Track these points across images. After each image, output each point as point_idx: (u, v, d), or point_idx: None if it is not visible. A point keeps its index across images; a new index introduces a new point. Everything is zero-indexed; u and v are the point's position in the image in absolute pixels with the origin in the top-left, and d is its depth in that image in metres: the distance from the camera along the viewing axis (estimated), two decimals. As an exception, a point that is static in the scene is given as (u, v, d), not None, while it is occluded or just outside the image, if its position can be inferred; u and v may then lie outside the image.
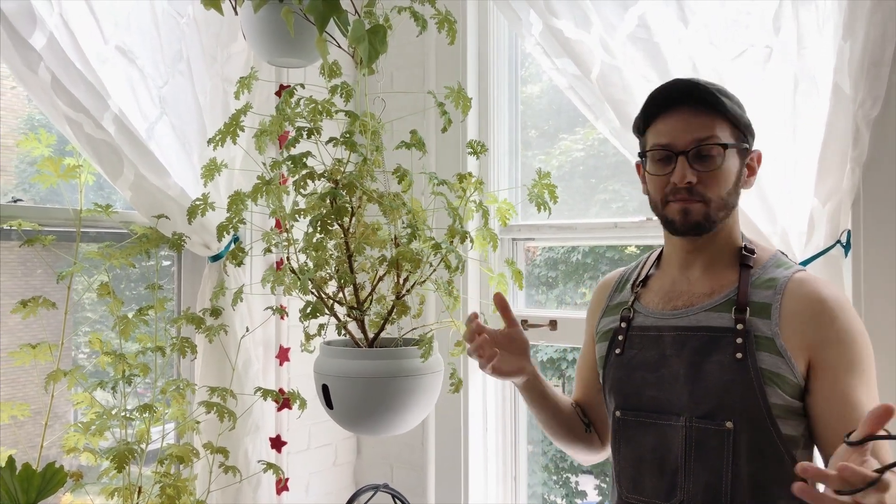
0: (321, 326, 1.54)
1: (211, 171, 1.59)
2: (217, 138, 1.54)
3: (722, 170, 1.24)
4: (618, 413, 1.33)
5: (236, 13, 1.52)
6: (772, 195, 1.64)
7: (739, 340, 1.22)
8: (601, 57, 1.78)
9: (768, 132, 1.64)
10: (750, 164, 1.30)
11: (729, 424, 1.20)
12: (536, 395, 1.47)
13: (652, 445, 1.28)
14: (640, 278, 1.41)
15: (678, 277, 1.34)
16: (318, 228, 1.39)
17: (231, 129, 1.53)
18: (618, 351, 1.35)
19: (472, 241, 1.50)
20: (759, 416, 1.20)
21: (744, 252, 1.29)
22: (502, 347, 1.39)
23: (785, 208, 1.63)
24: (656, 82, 1.73)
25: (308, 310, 1.39)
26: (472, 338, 1.38)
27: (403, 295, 1.51)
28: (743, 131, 1.27)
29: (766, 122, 1.64)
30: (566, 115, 2.34)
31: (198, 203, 1.60)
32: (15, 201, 1.82)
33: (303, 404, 1.86)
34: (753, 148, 1.31)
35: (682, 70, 1.71)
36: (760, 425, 1.20)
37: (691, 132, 1.24)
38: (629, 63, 1.77)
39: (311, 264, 1.44)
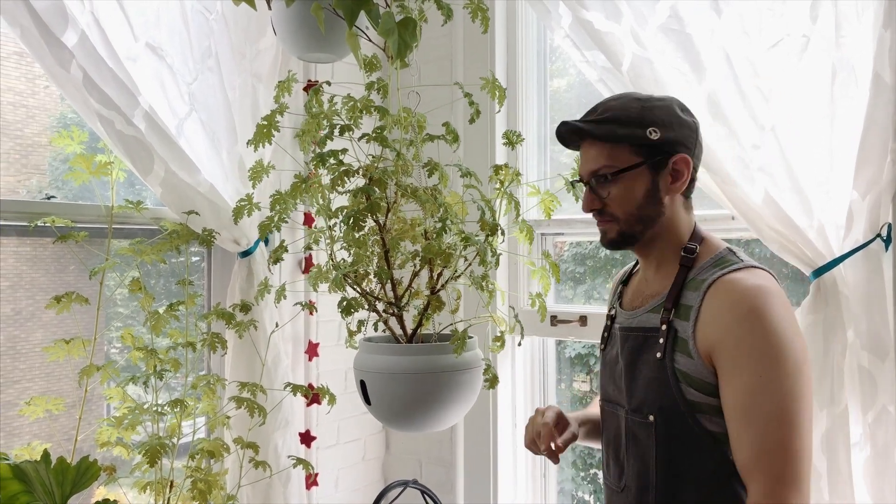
0: (360, 322, 1.54)
1: (259, 173, 1.59)
2: (255, 139, 1.53)
3: (623, 191, 1.34)
4: (600, 403, 1.50)
5: (269, 7, 1.52)
6: (808, 188, 1.60)
7: (661, 341, 1.30)
8: (632, 49, 1.76)
9: (805, 123, 1.60)
10: (676, 170, 1.33)
11: (651, 418, 1.30)
12: (588, 437, 1.58)
13: (613, 433, 1.41)
14: (625, 278, 1.53)
15: (642, 278, 1.45)
16: (351, 225, 1.38)
17: (266, 130, 1.53)
18: (602, 347, 1.51)
19: (502, 233, 1.50)
20: (677, 411, 1.27)
21: (682, 253, 1.34)
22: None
23: (822, 201, 1.59)
24: (689, 74, 1.70)
25: (343, 305, 1.39)
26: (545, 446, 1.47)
27: (438, 290, 1.50)
28: (650, 146, 1.32)
29: (802, 112, 1.60)
30: (594, 109, 2.31)
31: (243, 203, 1.60)
32: (48, 198, 1.85)
33: (332, 399, 1.86)
34: (678, 153, 1.33)
35: (715, 61, 1.67)
36: (678, 420, 1.27)
37: (588, 164, 1.37)
38: (661, 55, 1.73)
39: (348, 260, 1.44)
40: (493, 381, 1.51)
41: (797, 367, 1.19)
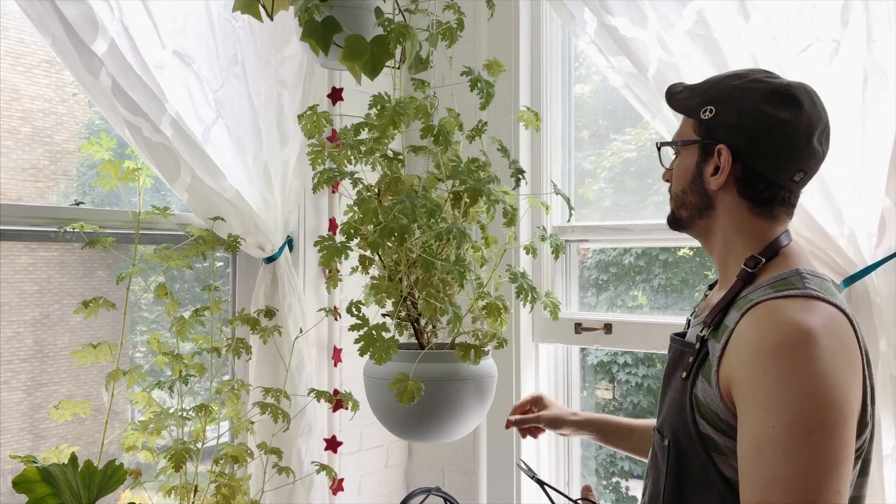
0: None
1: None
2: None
3: (678, 167, 1.24)
4: None
5: (272, 19, 1.52)
6: (838, 194, 1.57)
7: (691, 359, 1.15)
8: (658, 54, 1.74)
9: (835, 129, 1.57)
10: (719, 161, 1.16)
11: (667, 442, 1.16)
12: (609, 440, 1.57)
13: (651, 449, 1.28)
14: (713, 283, 1.36)
15: (718, 286, 1.29)
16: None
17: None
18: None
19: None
20: (690, 441, 1.12)
21: (743, 265, 1.16)
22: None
23: (853, 208, 1.57)
24: (716, 79, 1.69)
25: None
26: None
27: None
28: (706, 125, 1.17)
29: (832, 118, 1.58)
30: (617, 116, 2.30)
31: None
32: (77, 204, 1.87)
33: (355, 406, 1.86)
34: (722, 142, 1.15)
35: (742, 66, 1.66)
36: (691, 451, 1.12)
37: None
38: (687, 60, 1.72)
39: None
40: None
41: (824, 427, 0.97)
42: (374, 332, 1.31)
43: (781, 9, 1.63)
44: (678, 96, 1.24)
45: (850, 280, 1.54)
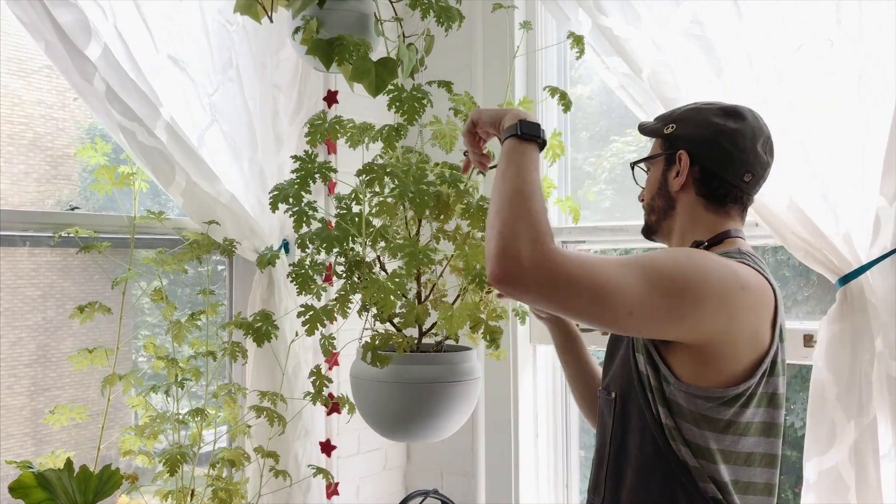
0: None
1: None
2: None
3: (648, 180, 1.41)
4: None
5: (271, 20, 1.53)
6: (834, 194, 1.57)
7: None
8: (652, 55, 1.74)
9: (830, 128, 1.58)
10: (681, 166, 1.33)
11: (614, 395, 1.32)
12: (565, 350, 1.61)
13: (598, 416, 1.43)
14: None
15: None
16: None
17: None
18: None
19: None
20: (633, 389, 1.27)
21: (692, 245, 1.33)
22: None
23: (848, 207, 1.56)
24: (711, 79, 1.69)
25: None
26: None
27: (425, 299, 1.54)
28: (668, 139, 1.35)
29: (827, 117, 1.58)
30: (617, 117, 2.29)
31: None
32: (72, 209, 1.87)
33: (352, 409, 1.86)
34: (681, 148, 1.33)
35: (737, 66, 1.66)
36: (633, 398, 1.27)
37: None
38: (682, 60, 1.72)
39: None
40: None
41: (684, 291, 1.13)
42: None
43: (776, 8, 1.62)
44: (648, 125, 1.43)
45: (846, 279, 1.53)
